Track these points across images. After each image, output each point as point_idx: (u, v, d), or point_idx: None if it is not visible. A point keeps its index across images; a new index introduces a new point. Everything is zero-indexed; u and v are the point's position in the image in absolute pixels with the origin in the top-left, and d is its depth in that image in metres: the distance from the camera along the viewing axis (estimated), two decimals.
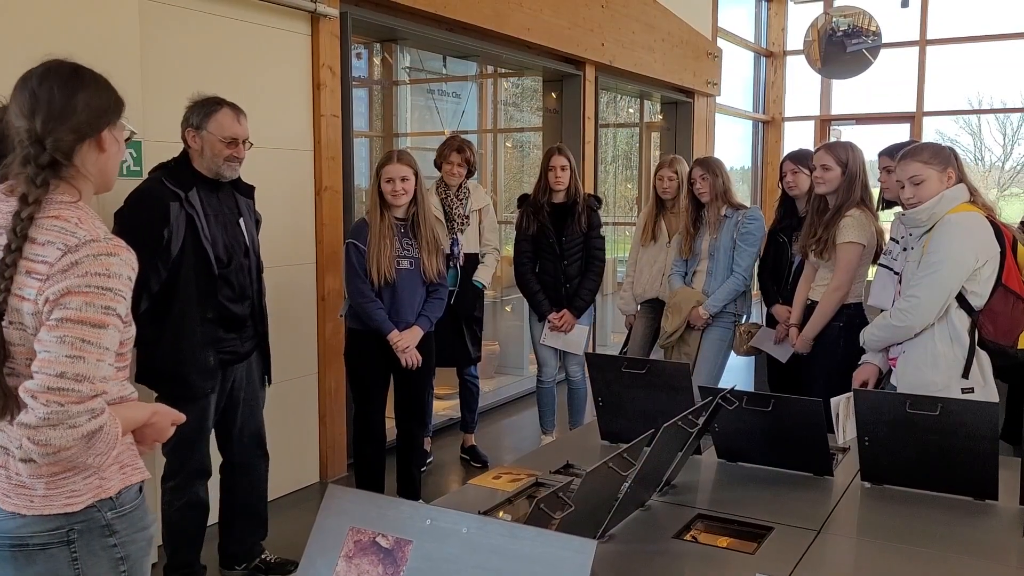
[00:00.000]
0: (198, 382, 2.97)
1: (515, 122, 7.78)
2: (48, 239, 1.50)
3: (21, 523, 1.56)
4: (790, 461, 2.38)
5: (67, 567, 1.57)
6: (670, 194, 4.69)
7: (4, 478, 1.58)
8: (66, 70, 1.61)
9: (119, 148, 1.67)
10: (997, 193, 12.05)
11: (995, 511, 2.13)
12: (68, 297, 1.47)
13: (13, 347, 1.52)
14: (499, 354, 6.67)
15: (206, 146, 2.97)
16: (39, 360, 1.47)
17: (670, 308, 4.39)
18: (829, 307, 3.61)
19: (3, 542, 1.56)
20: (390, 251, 3.65)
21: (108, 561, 1.61)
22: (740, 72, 10.27)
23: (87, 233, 1.52)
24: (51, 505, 1.56)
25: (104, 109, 1.62)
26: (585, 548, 1.30)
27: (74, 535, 1.58)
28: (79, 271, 1.48)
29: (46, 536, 1.56)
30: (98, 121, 1.60)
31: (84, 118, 1.58)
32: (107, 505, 1.62)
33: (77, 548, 1.58)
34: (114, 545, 1.62)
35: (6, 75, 2.77)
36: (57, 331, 1.46)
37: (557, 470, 2.39)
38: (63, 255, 1.49)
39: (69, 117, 1.57)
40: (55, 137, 1.55)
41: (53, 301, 1.47)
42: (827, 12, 10.03)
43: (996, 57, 9.69)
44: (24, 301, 1.49)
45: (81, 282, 1.48)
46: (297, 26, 4.20)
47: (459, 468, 4.88)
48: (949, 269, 2.77)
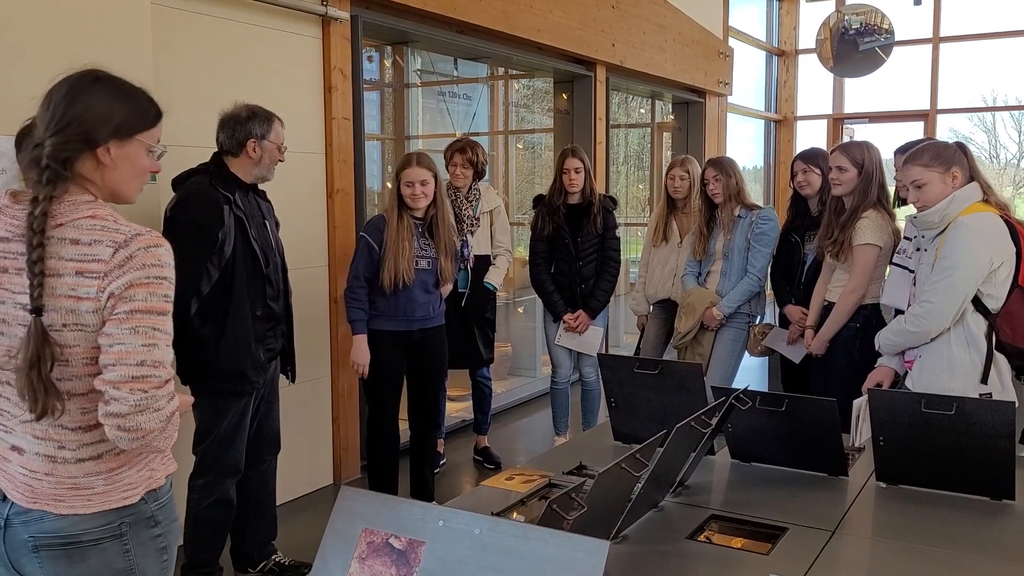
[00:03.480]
0: (253, 376, 3.06)
1: (526, 123, 7.79)
2: (94, 238, 1.53)
3: (73, 521, 1.58)
4: (804, 461, 2.37)
5: (120, 559, 1.61)
6: (681, 194, 4.68)
7: (54, 484, 1.59)
8: (80, 80, 1.61)
9: (131, 166, 1.63)
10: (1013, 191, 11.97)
11: (1012, 511, 2.11)
12: (132, 290, 1.51)
13: (68, 348, 1.53)
14: (512, 355, 6.67)
15: (266, 154, 3.09)
16: (114, 353, 1.50)
17: (684, 309, 4.37)
18: (845, 309, 3.58)
19: (54, 540, 1.58)
20: (409, 252, 3.66)
21: (154, 551, 1.66)
22: (752, 71, 10.23)
23: (130, 228, 1.55)
24: (109, 500, 1.60)
25: (96, 127, 1.57)
26: (598, 549, 1.29)
27: (125, 528, 1.62)
28: (135, 264, 1.52)
29: (99, 532, 1.60)
30: (89, 139, 1.57)
31: (75, 134, 1.55)
32: (152, 497, 1.67)
33: (129, 540, 1.62)
34: (158, 535, 1.67)
35: (20, 80, 2.80)
36: (128, 323, 1.51)
37: (570, 471, 2.38)
38: (115, 251, 1.52)
39: (60, 132, 1.55)
40: (51, 146, 1.54)
41: (118, 296, 1.51)
42: (839, 10, 9.98)
43: (1010, 54, 9.61)
44: (82, 301, 1.51)
45: (141, 274, 1.52)
46: (308, 29, 4.21)
47: (472, 470, 4.89)
48: (963, 272, 2.73)
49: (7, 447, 1.62)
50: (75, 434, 1.59)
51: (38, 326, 1.50)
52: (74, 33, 2.98)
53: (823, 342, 3.66)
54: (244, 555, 3.39)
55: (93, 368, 1.54)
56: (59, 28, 2.94)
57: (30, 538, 1.59)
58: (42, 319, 1.50)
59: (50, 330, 1.51)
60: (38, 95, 2.52)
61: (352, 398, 4.55)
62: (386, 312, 3.72)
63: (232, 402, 3.04)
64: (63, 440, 1.58)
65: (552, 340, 4.71)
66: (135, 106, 1.65)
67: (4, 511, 1.62)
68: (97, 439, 1.59)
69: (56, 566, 1.59)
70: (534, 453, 4.89)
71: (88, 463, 1.59)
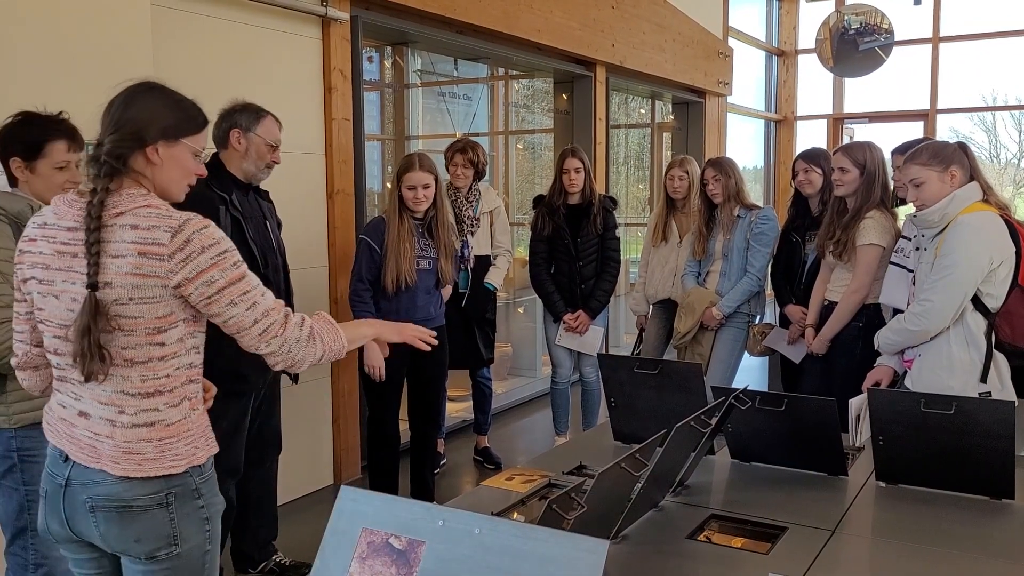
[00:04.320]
0: (252, 377, 3.05)
1: (526, 124, 7.79)
2: (152, 224, 1.71)
3: (127, 487, 1.75)
4: (804, 461, 2.37)
5: (166, 526, 1.78)
6: (681, 194, 4.68)
7: (112, 446, 1.76)
8: (136, 88, 1.82)
9: (178, 165, 1.82)
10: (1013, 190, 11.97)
11: (1012, 510, 2.12)
12: (206, 274, 1.72)
13: (132, 320, 1.72)
14: (512, 356, 6.67)
15: (252, 148, 3.06)
16: (231, 327, 1.77)
17: (683, 308, 4.38)
18: (847, 309, 3.57)
19: (110, 504, 1.76)
20: (411, 254, 3.66)
21: (197, 521, 1.83)
22: (752, 71, 10.23)
23: (181, 214, 1.74)
24: (158, 467, 1.76)
25: (146, 128, 1.77)
26: (598, 548, 1.30)
27: (171, 498, 1.78)
28: (195, 248, 1.71)
29: (148, 500, 1.77)
30: (139, 138, 1.76)
31: (128, 134, 1.75)
32: (196, 472, 1.83)
33: (174, 510, 1.79)
34: (201, 507, 1.84)
35: (20, 80, 2.81)
36: (221, 302, 1.74)
37: (570, 471, 2.38)
38: (173, 235, 1.70)
39: (116, 132, 1.76)
40: (108, 144, 1.75)
41: (193, 281, 1.71)
42: (839, 10, 9.98)
43: (1011, 53, 9.61)
44: (148, 278, 1.70)
45: (204, 258, 1.72)
46: (308, 30, 4.21)
47: (472, 470, 4.89)
48: (963, 271, 2.73)
49: (75, 413, 1.80)
50: (134, 400, 1.76)
51: (91, 300, 1.69)
52: (74, 33, 2.98)
53: (825, 341, 3.66)
54: (245, 555, 3.40)
55: (155, 337, 1.74)
56: (59, 28, 2.94)
57: (88, 499, 1.77)
58: (105, 294, 1.69)
59: (116, 304, 1.70)
60: (38, 95, 2.54)
61: (352, 398, 4.55)
62: (388, 313, 3.72)
63: (231, 402, 3.04)
64: (123, 405, 1.76)
65: (552, 340, 4.71)
66: (183, 112, 1.84)
67: (65, 472, 1.80)
68: (152, 407, 1.77)
69: (110, 527, 1.77)
70: (534, 453, 4.89)
71: (142, 429, 1.76)
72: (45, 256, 1.78)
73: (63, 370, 1.81)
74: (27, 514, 2.41)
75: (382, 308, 3.72)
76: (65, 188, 2.45)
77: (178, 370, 1.79)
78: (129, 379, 1.75)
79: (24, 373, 1.93)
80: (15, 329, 1.91)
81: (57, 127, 2.45)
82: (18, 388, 2.37)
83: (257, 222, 3.11)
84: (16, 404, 2.38)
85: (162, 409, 1.77)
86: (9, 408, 2.37)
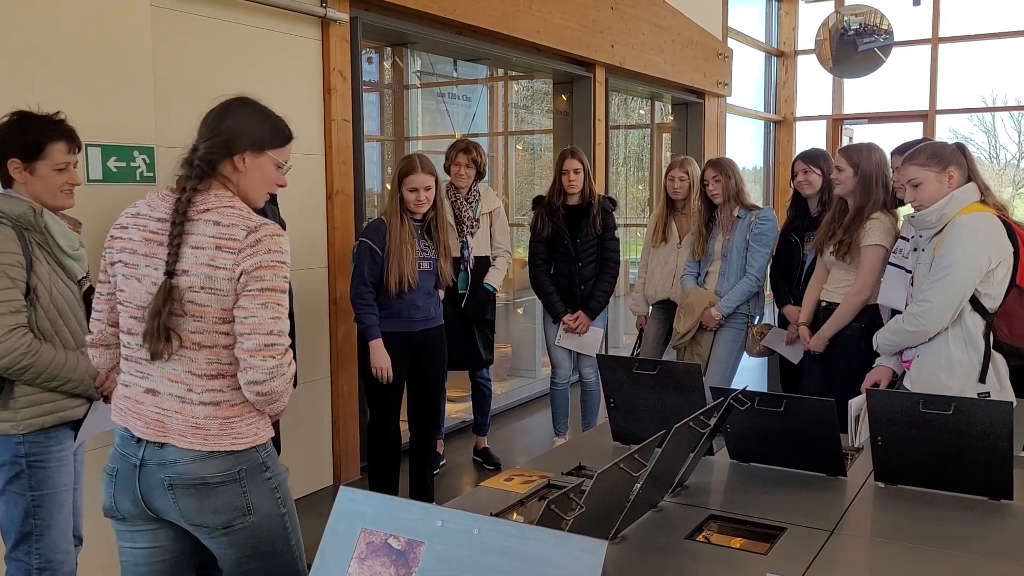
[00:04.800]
0: None
1: (525, 124, 7.79)
2: (232, 222, 1.87)
3: (202, 465, 1.89)
4: (803, 461, 2.37)
5: (240, 498, 1.93)
6: (681, 195, 4.69)
7: (180, 420, 1.90)
8: (232, 102, 2.00)
9: (261, 174, 1.99)
10: (1012, 191, 11.98)
11: (1010, 511, 2.12)
12: (261, 271, 1.85)
13: (203, 307, 1.86)
14: (511, 356, 6.67)
15: None
16: (248, 324, 1.85)
17: (682, 309, 4.38)
18: (850, 310, 3.56)
19: (187, 481, 1.90)
20: (412, 255, 3.66)
21: (268, 491, 1.97)
22: (751, 72, 10.23)
23: (259, 218, 1.91)
24: (221, 443, 1.90)
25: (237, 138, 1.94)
26: (596, 549, 1.30)
27: (243, 473, 1.93)
28: (263, 248, 1.86)
29: (222, 476, 1.91)
30: (231, 147, 1.94)
31: (221, 142, 1.93)
32: (261, 447, 1.98)
33: (246, 483, 1.93)
34: (269, 478, 1.98)
35: (18, 81, 2.81)
36: (259, 299, 1.85)
37: (569, 471, 2.39)
38: (248, 234, 1.86)
39: (211, 138, 1.94)
40: (202, 149, 1.93)
41: (249, 273, 1.84)
42: (838, 11, 9.98)
43: (1010, 54, 9.62)
44: (219, 270, 1.85)
45: (268, 257, 1.86)
46: (307, 31, 4.22)
47: (472, 470, 4.89)
48: (961, 272, 2.74)
49: (142, 391, 1.94)
50: (201, 380, 1.90)
51: (166, 285, 1.85)
52: (74, 34, 2.98)
53: (823, 340, 3.65)
54: None
55: (221, 326, 1.88)
56: (59, 30, 2.94)
57: (165, 478, 1.91)
58: (181, 281, 1.85)
59: (189, 291, 1.85)
60: (38, 95, 2.54)
61: (352, 399, 4.55)
62: (389, 314, 3.72)
63: None
64: (192, 384, 1.90)
65: (552, 341, 4.71)
66: (270, 127, 2.01)
67: (139, 453, 1.93)
68: (218, 388, 1.91)
69: (188, 502, 1.91)
70: (534, 454, 4.89)
71: (209, 407, 1.90)
72: (134, 242, 1.93)
73: (132, 349, 1.95)
74: (33, 519, 2.41)
75: (383, 309, 3.72)
76: (63, 190, 2.45)
77: None
78: (196, 361, 1.89)
79: (96, 350, 2.08)
80: (95, 309, 2.05)
81: (56, 128, 2.43)
82: (26, 394, 2.37)
83: None
84: (24, 410, 2.37)
85: (225, 391, 1.91)
86: (17, 414, 2.36)
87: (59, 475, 2.45)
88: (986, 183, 2.86)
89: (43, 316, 2.38)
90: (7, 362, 2.29)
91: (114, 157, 3.13)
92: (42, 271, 2.37)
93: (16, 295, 2.31)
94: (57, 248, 2.42)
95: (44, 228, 2.38)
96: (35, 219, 2.37)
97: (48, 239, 2.40)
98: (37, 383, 2.37)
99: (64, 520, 2.49)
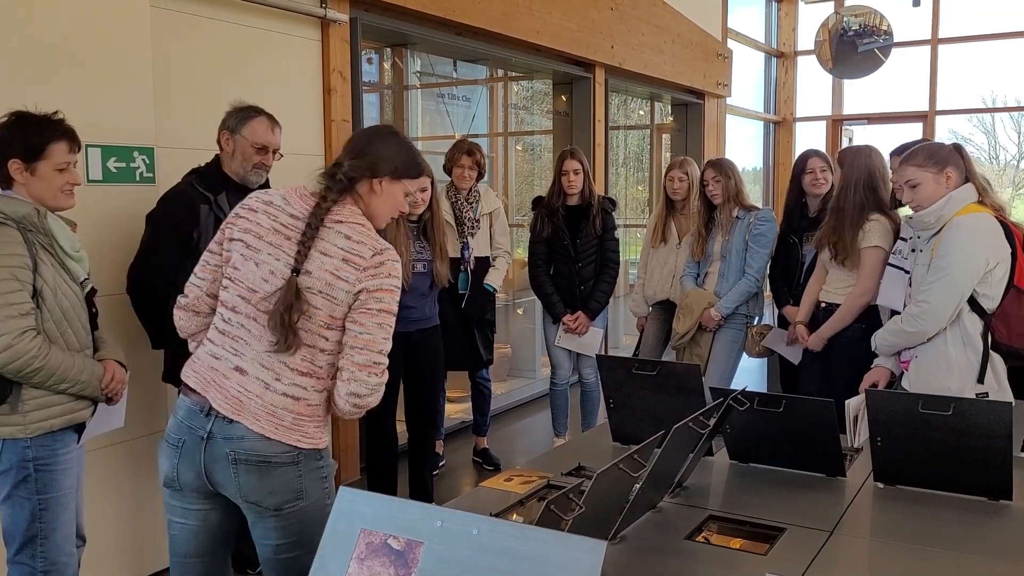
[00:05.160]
0: None
1: (525, 125, 7.79)
2: (361, 239, 2.01)
3: (267, 445, 1.99)
4: (802, 462, 2.37)
5: (295, 481, 2.02)
6: (680, 195, 4.69)
7: (259, 405, 1.99)
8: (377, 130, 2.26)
9: (392, 199, 2.13)
10: (1012, 192, 11.97)
11: (1010, 511, 2.12)
12: (381, 292, 1.99)
13: (314, 309, 1.98)
14: (511, 357, 6.67)
15: (237, 150, 3.04)
16: (362, 339, 1.98)
17: (682, 309, 4.38)
18: (851, 311, 3.54)
19: (252, 457, 1.99)
20: (407, 257, 3.66)
21: (318, 479, 2.07)
22: (751, 73, 10.23)
23: (384, 243, 2.04)
24: (289, 436, 2.00)
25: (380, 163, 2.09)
26: (596, 549, 1.30)
27: (300, 458, 2.03)
28: (384, 271, 2.00)
29: (283, 457, 2.01)
30: (373, 170, 2.08)
31: (366, 163, 2.08)
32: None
33: (302, 468, 2.03)
34: (321, 467, 2.08)
35: (18, 81, 2.81)
36: (376, 319, 1.99)
37: (569, 472, 2.39)
38: (373, 255, 2.00)
39: (356, 158, 2.09)
40: (347, 166, 2.08)
41: (370, 292, 1.98)
42: (838, 12, 9.99)
43: (1010, 55, 9.62)
44: (340, 280, 1.98)
45: (388, 281, 2.00)
46: (307, 32, 4.22)
47: (471, 471, 4.89)
48: (959, 272, 2.74)
49: (230, 367, 2.03)
50: (291, 373, 2.00)
51: (293, 282, 1.97)
52: (74, 35, 2.98)
53: (822, 339, 3.65)
54: (243, 556, 3.39)
55: (324, 330, 2.00)
56: (59, 30, 2.94)
57: (231, 452, 1.99)
58: (303, 280, 1.97)
59: (307, 292, 1.97)
60: (38, 96, 2.54)
61: None
62: None
63: None
64: (281, 374, 2.00)
65: (551, 341, 4.71)
66: (410, 159, 2.16)
67: (207, 426, 2.01)
68: (303, 385, 2.01)
69: (248, 478, 2.00)
70: (533, 454, 4.89)
71: (289, 400, 2.00)
72: (261, 228, 2.04)
73: (231, 325, 2.05)
74: (38, 523, 2.40)
75: None
76: (64, 190, 2.43)
77: (329, 366, 2.04)
78: (294, 356, 2.00)
79: (186, 313, 2.15)
80: (196, 275, 2.13)
81: (57, 127, 2.41)
82: (34, 397, 2.36)
83: None
84: (32, 413, 2.36)
85: (308, 389, 2.02)
86: (25, 417, 2.35)
87: (64, 478, 2.45)
88: (984, 184, 2.86)
89: (49, 318, 2.37)
90: (19, 365, 2.28)
91: (114, 157, 3.13)
92: (47, 273, 2.36)
93: (25, 297, 2.29)
94: (60, 250, 2.40)
95: (47, 230, 2.37)
96: (39, 220, 2.35)
97: (51, 241, 2.38)
98: (46, 386, 2.36)
99: (68, 523, 2.48)
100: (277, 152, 3.13)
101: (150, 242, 3.00)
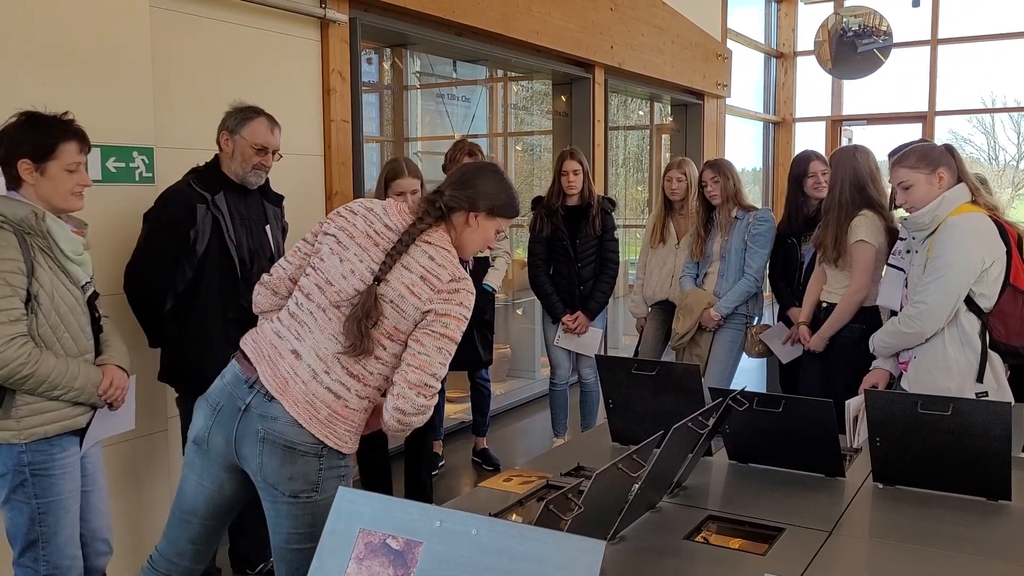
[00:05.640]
0: (214, 378, 3.01)
1: (525, 125, 7.79)
2: (443, 263, 2.08)
3: (297, 432, 2.04)
4: (801, 462, 2.38)
5: (314, 473, 2.07)
6: (679, 195, 4.69)
7: (302, 391, 2.06)
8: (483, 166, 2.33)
9: (483, 234, 2.20)
10: (1012, 192, 11.97)
11: (1009, 512, 2.12)
12: (448, 319, 2.05)
13: (383, 319, 2.05)
14: (510, 357, 6.67)
15: (237, 150, 3.04)
16: (419, 359, 2.04)
17: (682, 310, 4.38)
18: (847, 309, 3.55)
19: (280, 439, 2.04)
20: None
21: (335, 477, 2.10)
22: (750, 73, 10.23)
23: (464, 272, 2.11)
24: (320, 431, 2.05)
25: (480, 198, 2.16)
26: (595, 549, 1.30)
27: (325, 451, 2.08)
28: (457, 299, 2.06)
29: (309, 447, 2.06)
30: (472, 204, 2.16)
31: (466, 196, 2.16)
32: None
33: (323, 462, 2.08)
34: (341, 466, 2.13)
35: (17, 81, 2.81)
36: (438, 343, 2.04)
37: (568, 472, 2.39)
38: (451, 280, 2.06)
39: (458, 189, 2.17)
40: (448, 195, 2.16)
41: (438, 315, 2.04)
42: (837, 12, 9.99)
43: (1009, 56, 9.62)
44: (414, 296, 2.05)
45: (458, 310, 2.06)
46: (307, 32, 4.22)
47: (471, 471, 4.89)
48: (956, 272, 2.74)
49: (288, 348, 2.10)
50: (341, 371, 2.07)
51: (372, 289, 2.04)
52: (73, 35, 2.98)
53: (823, 339, 3.65)
54: (242, 556, 3.39)
55: (385, 340, 2.06)
56: (59, 30, 2.94)
57: (261, 429, 2.05)
58: (380, 287, 2.04)
59: (381, 299, 2.04)
60: (37, 96, 2.53)
61: None
62: None
63: None
64: (332, 369, 2.07)
65: (551, 342, 4.71)
66: (509, 200, 2.24)
67: (247, 399, 2.09)
68: (348, 385, 2.07)
69: (272, 459, 2.05)
70: (533, 454, 4.89)
71: (331, 395, 2.06)
72: (356, 229, 2.13)
73: (301, 310, 2.13)
74: (39, 527, 2.39)
75: None
76: (74, 192, 2.42)
77: (379, 375, 2.09)
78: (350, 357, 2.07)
79: (265, 291, 2.28)
80: (285, 258, 2.26)
81: (68, 128, 2.39)
82: (28, 403, 2.34)
83: (251, 224, 3.09)
84: (27, 419, 2.35)
85: (351, 391, 2.07)
86: (19, 423, 2.34)
87: (64, 482, 2.43)
88: (976, 184, 2.87)
89: (44, 323, 2.35)
90: (7, 372, 2.26)
91: (113, 158, 3.13)
92: (44, 277, 2.33)
93: (16, 303, 2.27)
94: (60, 253, 2.38)
95: (47, 232, 2.34)
96: (37, 223, 2.32)
97: (50, 243, 2.36)
98: (38, 392, 2.34)
99: (71, 526, 2.46)
100: (277, 153, 3.13)
101: (147, 242, 2.99)
